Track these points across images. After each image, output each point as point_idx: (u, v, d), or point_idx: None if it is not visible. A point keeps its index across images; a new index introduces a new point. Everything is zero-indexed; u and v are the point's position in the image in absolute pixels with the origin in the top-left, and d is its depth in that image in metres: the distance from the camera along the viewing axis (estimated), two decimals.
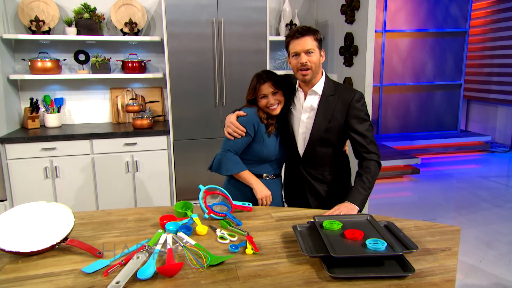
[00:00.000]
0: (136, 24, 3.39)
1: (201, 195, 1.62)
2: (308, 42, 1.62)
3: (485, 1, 5.92)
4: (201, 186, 1.66)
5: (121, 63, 3.45)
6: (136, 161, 3.16)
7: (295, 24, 3.72)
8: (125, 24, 3.38)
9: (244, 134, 1.79)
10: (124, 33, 3.41)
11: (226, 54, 3.13)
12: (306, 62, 1.63)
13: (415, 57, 5.68)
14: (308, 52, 1.63)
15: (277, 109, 1.79)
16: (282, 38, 3.70)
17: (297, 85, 1.78)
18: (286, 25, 3.71)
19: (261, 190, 1.79)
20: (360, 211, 1.59)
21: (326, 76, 1.75)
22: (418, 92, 5.80)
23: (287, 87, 1.82)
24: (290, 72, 3.79)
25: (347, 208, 1.56)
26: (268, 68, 3.23)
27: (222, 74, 3.15)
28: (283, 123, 1.84)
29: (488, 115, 6.16)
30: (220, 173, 1.82)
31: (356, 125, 1.68)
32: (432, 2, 5.55)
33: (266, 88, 1.76)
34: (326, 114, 1.69)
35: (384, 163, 3.52)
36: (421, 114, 5.88)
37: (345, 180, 1.86)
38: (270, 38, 3.33)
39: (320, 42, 1.67)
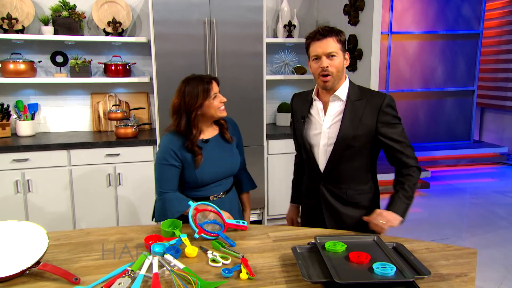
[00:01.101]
0: (120, 23, 3.41)
1: (191, 212, 1.60)
2: (330, 44, 1.60)
3: (500, 0, 6.02)
4: (191, 203, 1.65)
5: (103, 66, 3.46)
6: (119, 174, 3.14)
7: (294, 25, 3.76)
8: (108, 23, 3.39)
9: None
10: (107, 33, 3.42)
11: (219, 57, 3.14)
12: (327, 66, 1.61)
13: (424, 61, 5.75)
14: (330, 56, 1.61)
15: (224, 110, 1.85)
16: (279, 40, 3.73)
17: (313, 94, 1.76)
18: (284, 26, 3.75)
19: None
20: (402, 222, 1.59)
21: (350, 81, 1.73)
22: (427, 99, 5.85)
23: None
24: (289, 77, 3.84)
25: (390, 216, 1.55)
26: (265, 73, 3.25)
27: None
28: (300, 136, 1.79)
29: (504, 124, 6.21)
30: (166, 219, 1.75)
31: (389, 131, 1.66)
32: (442, 2, 5.63)
33: (215, 86, 1.82)
34: (353, 120, 1.66)
35: (391, 176, 3.53)
36: (430, 123, 5.92)
37: (373, 202, 1.78)
38: (267, 40, 3.36)
39: (344, 44, 1.65)
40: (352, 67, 3.24)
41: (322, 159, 1.74)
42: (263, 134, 3.36)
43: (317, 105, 1.74)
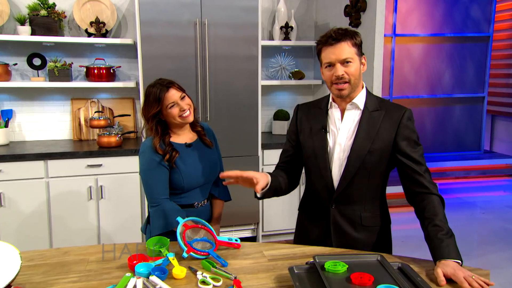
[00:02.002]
0: (104, 23, 3.42)
1: (179, 229, 1.60)
2: (345, 50, 1.56)
3: (511, 1, 6.11)
4: (179, 219, 1.64)
5: (85, 69, 3.46)
6: (101, 187, 3.12)
7: (291, 27, 3.79)
8: (91, 23, 3.40)
9: None
10: (90, 34, 3.43)
11: (211, 60, 3.16)
12: (342, 74, 1.56)
13: (430, 66, 5.80)
14: (345, 62, 1.57)
15: (190, 115, 1.89)
16: (276, 42, 3.75)
17: (330, 100, 1.72)
18: (281, 27, 3.78)
19: None
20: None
21: (367, 90, 1.71)
22: (433, 106, 5.90)
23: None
24: (286, 82, 3.86)
25: (460, 271, 1.36)
26: (260, 78, 3.27)
27: (206, 84, 3.17)
28: (308, 150, 1.75)
29: None
30: (169, 229, 1.82)
31: (408, 148, 1.62)
32: (450, 3, 5.70)
33: (173, 94, 1.85)
34: (370, 133, 1.62)
35: (395, 189, 3.54)
36: (437, 132, 5.96)
37: (385, 226, 1.75)
38: (262, 42, 3.39)
39: (359, 48, 1.61)
40: None
41: (336, 174, 1.68)
42: (258, 143, 3.37)
43: (334, 114, 1.70)
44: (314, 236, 1.79)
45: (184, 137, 1.96)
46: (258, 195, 1.71)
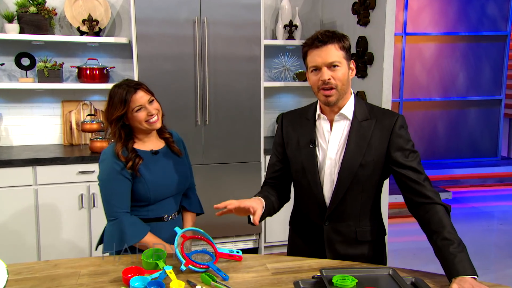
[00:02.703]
0: (97, 21, 3.43)
1: (177, 240, 1.60)
2: (332, 53, 1.56)
3: None
4: (177, 229, 1.64)
5: (76, 70, 3.47)
6: (93, 194, 3.13)
7: (295, 26, 3.80)
8: (83, 21, 3.41)
9: None
10: (82, 33, 3.44)
11: (210, 61, 3.17)
12: (329, 79, 1.56)
13: (443, 67, 5.81)
14: (331, 66, 1.56)
15: (158, 121, 1.86)
16: (279, 42, 3.76)
17: (317, 111, 1.71)
18: (285, 26, 3.79)
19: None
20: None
21: (356, 96, 1.70)
22: (447, 109, 5.90)
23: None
24: (290, 84, 3.86)
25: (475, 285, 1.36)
26: (262, 79, 3.28)
27: (205, 86, 3.18)
28: (296, 165, 1.74)
29: None
30: (124, 247, 1.79)
31: (403, 158, 1.61)
32: (464, 0, 5.71)
33: (141, 97, 1.81)
34: (360, 145, 1.62)
35: (402, 198, 3.52)
36: (451, 137, 5.95)
37: (380, 238, 1.76)
38: (265, 42, 3.40)
39: (348, 51, 1.61)
40: (361, 74, 3.28)
41: (327, 191, 1.68)
42: (260, 148, 3.37)
43: (323, 125, 1.69)
44: (307, 253, 1.78)
45: (150, 144, 1.92)
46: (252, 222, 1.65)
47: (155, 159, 1.90)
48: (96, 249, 1.93)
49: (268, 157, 3.44)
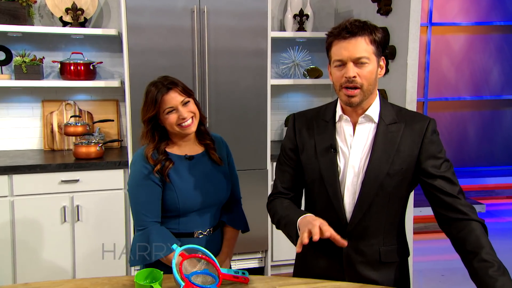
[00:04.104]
0: (82, 10, 3.45)
1: (175, 259, 1.59)
2: (360, 46, 1.53)
3: None
4: (175, 246, 1.63)
5: (59, 65, 3.48)
6: (78, 206, 3.13)
7: (307, 16, 3.81)
8: (67, 10, 3.42)
9: None
10: (65, 23, 3.45)
11: (211, 55, 3.17)
12: (354, 76, 1.54)
13: (475, 61, 5.79)
14: (359, 62, 1.54)
15: (192, 125, 1.87)
16: (288, 34, 3.77)
17: (338, 111, 1.70)
18: (295, 16, 3.80)
19: None
20: None
21: (381, 97, 1.70)
22: (478, 110, 5.88)
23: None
24: (300, 81, 3.86)
25: None
26: (269, 76, 3.28)
27: (205, 83, 3.18)
28: (313, 174, 1.72)
29: None
30: (151, 260, 1.81)
31: (436, 167, 1.59)
32: None
33: (173, 98, 1.84)
34: (388, 152, 1.61)
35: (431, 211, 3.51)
36: (483, 142, 5.93)
37: (404, 259, 1.76)
38: (272, 34, 3.40)
39: (379, 46, 1.59)
40: None
41: (349, 203, 1.67)
42: (267, 154, 3.37)
43: (345, 128, 1.68)
44: (321, 274, 1.76)
45: (186, 149, 1.95)
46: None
47: (189, 165, 1.92)
48: (131, 264, 1.92)
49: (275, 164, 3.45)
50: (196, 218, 1.93)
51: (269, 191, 3.40)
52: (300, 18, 3.81)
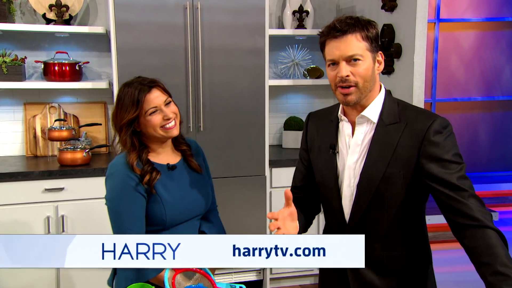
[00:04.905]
0: (67, 7, 3.45)
1: (167, 274, 1.59)
2: (352, 44, 1.56)
3: None
4: None
5: (42, 65, 3.47)
6: (63, 216, 3.13)
7: (307, 12, 3.82)
8: (50, 7, 3.42)
9: None
10: (48, 21, 3.45)
11: (205, 54, 3.18)
12: (347, 75, 1.56)
13: (486, 59, 5.81)
14: (351, 60, 1.57)
15: (175, 128, 1.85)
16: (287, 31, 3.78)
17: (339, 111, 1.73)
18: (294, 12, 3.81)
19: None
20: None
21: (387, 94, 1.70)
22: (490, 112, 5.89)
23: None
24: (300, 82, 3.86)
25: None
26: (267, 76, 3.29)
27: (199, 84, 3.19)
28: (317, 174, 1.78)
29: None
30: (142, 281, 1.77)
31: (441, 170, 1.56)
32: None
33: (156, 97, 1.82)
34: (384, 154, 1.62)
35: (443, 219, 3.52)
36: (495, 145, 5.94)
37: (421, 267, 1.75)
38: (270, 31, 3.41)
39: (374, 42, 1.61)
40: (387, 69, 3.28)
41: (347, 204, 1.70)
42: (265, 160, 3.37)
43: (345, 128, 1.71)
44: (324, 284, 1.80)
45: (164, 157, 1.93)
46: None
47: (172, 175, 1.90)
48: (111, 286, 1.89)
49: (274, 170, 3.46)
50: (180, 231, 1.90)
51: (268, 199, 3.42)
52: (300, 15, 3.82)
